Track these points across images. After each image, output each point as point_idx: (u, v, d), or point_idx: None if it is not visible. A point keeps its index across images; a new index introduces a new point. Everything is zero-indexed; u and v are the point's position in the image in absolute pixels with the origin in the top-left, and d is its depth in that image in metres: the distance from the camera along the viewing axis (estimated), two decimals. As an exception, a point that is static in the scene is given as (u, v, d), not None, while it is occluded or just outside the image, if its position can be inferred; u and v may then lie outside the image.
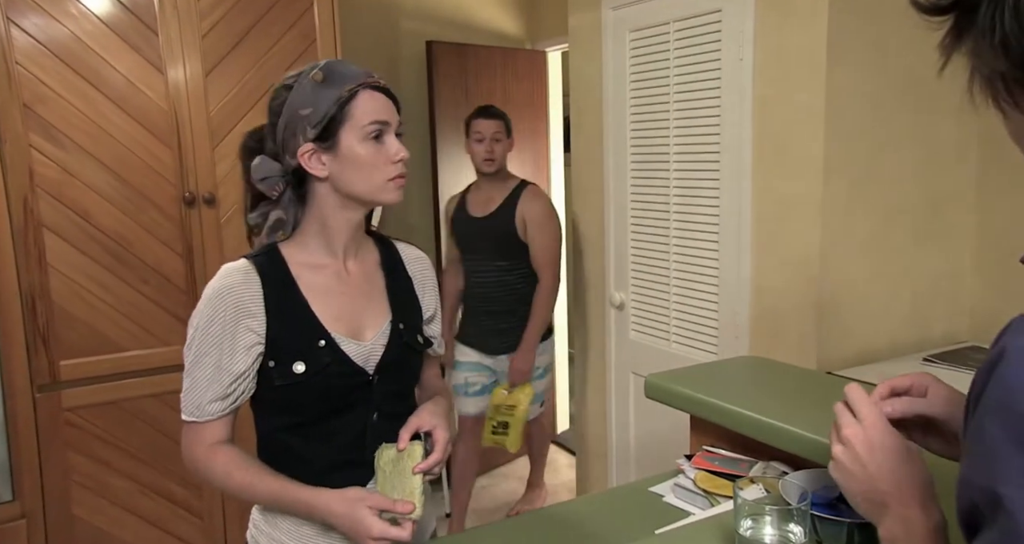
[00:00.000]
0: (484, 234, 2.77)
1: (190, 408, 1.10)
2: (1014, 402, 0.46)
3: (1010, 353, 0.47)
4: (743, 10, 2.06)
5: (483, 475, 3.65)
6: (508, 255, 2.76)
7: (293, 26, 2.42)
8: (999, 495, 0.46)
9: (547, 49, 3.70)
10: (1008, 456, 0.46)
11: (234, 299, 1.08)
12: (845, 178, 1.99)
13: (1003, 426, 0.46)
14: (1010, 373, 0.46)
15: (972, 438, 0.50)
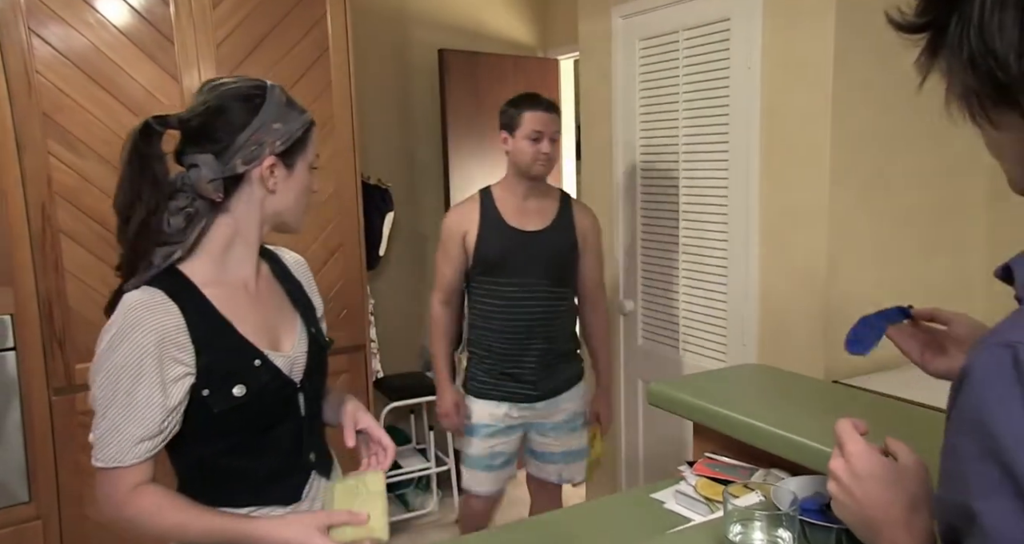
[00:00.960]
0: (538, 252, 2.15)
1: (111, 454, 1.02)
2: (980, 416, 0.47)
3: (974, 370, 0.48)
4: (751, 18, 2.06)
5: (493, 481, 3.65)
6: (563, 278, 2.21)
7: (307, 35, 2.45)
8: (973, 511, 0.47)
9: (559, 57, 3.72)
10: (978, 471, 0.46)
11: (155, 333, 1.01)
12: (853, 186, 1.99)
13: (972, 441, 0.47)
14: (974, 389, 0.48)
15: (944, 456, 0.51)
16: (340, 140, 2.55)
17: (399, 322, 3.50)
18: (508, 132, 2.15)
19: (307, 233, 2.52)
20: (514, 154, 2.14)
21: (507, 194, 2.19)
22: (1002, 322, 0.51)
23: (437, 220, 3.50)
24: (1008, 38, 0.47)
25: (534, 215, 2.19)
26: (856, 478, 0.68)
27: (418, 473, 3.28)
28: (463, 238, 2.18)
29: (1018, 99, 0.49)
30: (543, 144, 2.10)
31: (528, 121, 2.10)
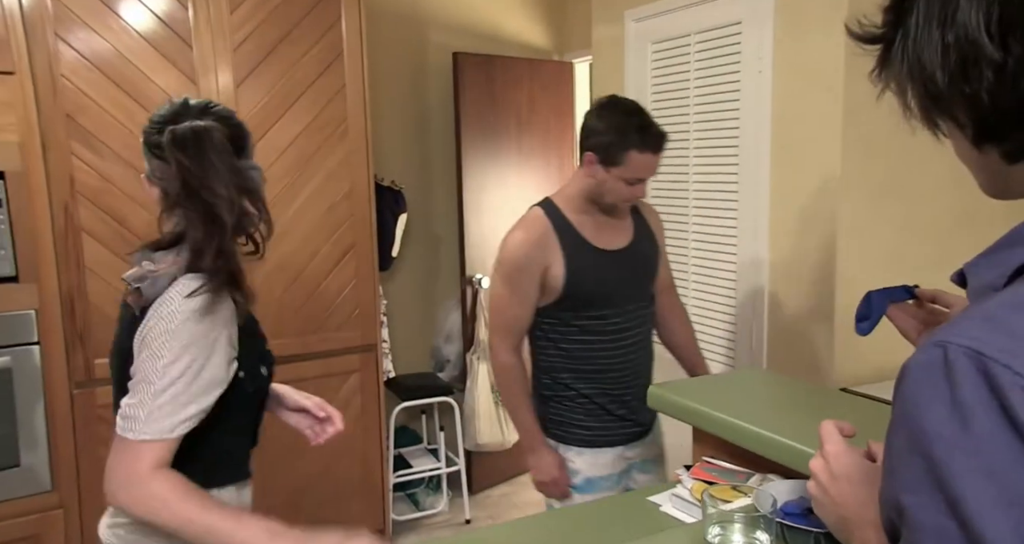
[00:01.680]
0: (633, 271, 1.82)
1: (161, 427, 1.02)
2: (909, 413, 0.48)
3: (909, 368, 0.50)
4: (763, 23, 2.06)
5: (505, 482, 3.67)
6: (652, 293, 1.90)
7: (322, 38, 2.49)
8: (902, 504, 0.48)
9: (574, 60, 3.73)
10: (906, 465, 0.48)
11: (229, 312, 1.10)
12: (864, 193, 1.98)
13: (902, 437, 0.49)
14: (907, 387, 0.49)
15: (884, 453, 0.53)
16: (354, 142, 2.59)
17: (411, 323, 3.53)
18: (602, 163, 1.70)
19: (320, 233, 2.56)
20: (600, 185, 1.73)
21: (578, 212, 1.79)
22: (945, 324, 0.52)
23: (450, 221, 3.54)
24: (933, 53, 0.51)
25: (614, 230, 1.83)
26: (833, 478, 0.70)
27: (428, 473, 3.31)
28: (544, 273, 1.75)
29: (952, 110, 0.53)
30: (639, 188, 1.73)
31: (634, 164, 1.67)
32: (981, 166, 0.57)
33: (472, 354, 3.39)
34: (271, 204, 2.39)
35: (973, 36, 0.49)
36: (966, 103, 0.51)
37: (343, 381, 2.68)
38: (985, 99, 0.50)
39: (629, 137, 1.66)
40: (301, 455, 2.61)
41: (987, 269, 0.54)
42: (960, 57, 0.50)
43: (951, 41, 0.50)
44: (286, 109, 2.46)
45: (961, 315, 0.51)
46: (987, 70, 0.49)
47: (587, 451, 1.82)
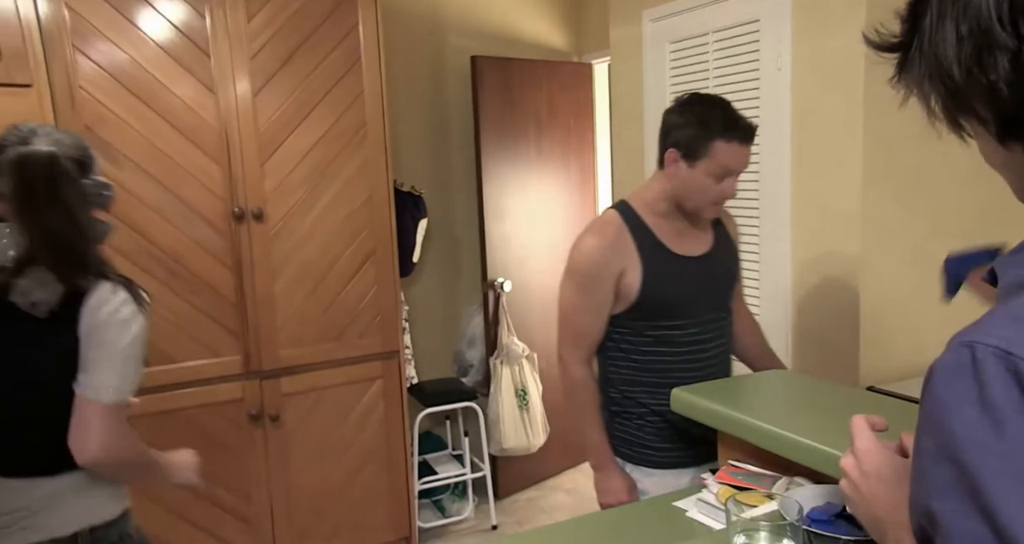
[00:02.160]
0: (712, 280, 1.71)
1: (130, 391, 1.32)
2: (938, 416, 0.47)
3: (936, 369, 0.49)
4: (781, 20, 2.03)
5: (531, 487, 3.64)
6: (729, 305, 1.78)
7: (339, 45, 2.50)
8: (933, 511, 0.47)
9: (593, 61, 3.70)
10: (936, 470, 0.47)
11: None
12: (887, 188, 1.93)
13: (931, 440, 0.48)
14: (935, 389, 0.48)
15: (913, 458, 0.51)
16: (372, 147, 2.59)
17: (433, 328, 3.52)
18: (685, 158, 1.58)
19: (340, 240, 2.56)
20: (684, 184, 1.60)
21: (653, 215, 1.68)
22: (972, 323, 0.51)
23: (471, 224, 3.53)
24: (949, 48, 0.51)
25: (694, 236, 1.71)
26: (864, 476, 0.68)
27: (454, 479, 3.29)
28: (619, 279, 1.64)
29: (971, 105, 0.52)
30: (727, 184, 1.58)
31: (720, 154, 1.55)
32: (1010, 166, 0.55)
33: (495, 358, 3.37)
34: (291, 212, 2.43)
35: (986, 25, 0.48)
36: (985, 95, 0.50)
37: (366, 388, 2.68)
38: (1004, 90, 0.49)
39: (713, 127, 1.54)
40: (326, 462, 2.61)
41: (1015, 267, 0.52)
42: (975, 48, 0.49)
43: (965, 33, 0.50)
44: (304, 116, 2.47)
45: (988, 314, 0.49)
46: (1002, 58, 0.48)
47: (657, 472, 1.69)
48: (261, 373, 2.46)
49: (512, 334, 3.38)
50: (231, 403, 2.42)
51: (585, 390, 1.72)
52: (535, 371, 3.46)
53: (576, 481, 3.70)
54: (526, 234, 3.50)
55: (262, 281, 2.42)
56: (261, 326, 2.43)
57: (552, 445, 3.56)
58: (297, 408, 2.55)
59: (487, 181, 3.34)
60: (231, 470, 2.42)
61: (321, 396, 2.60)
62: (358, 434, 2.68)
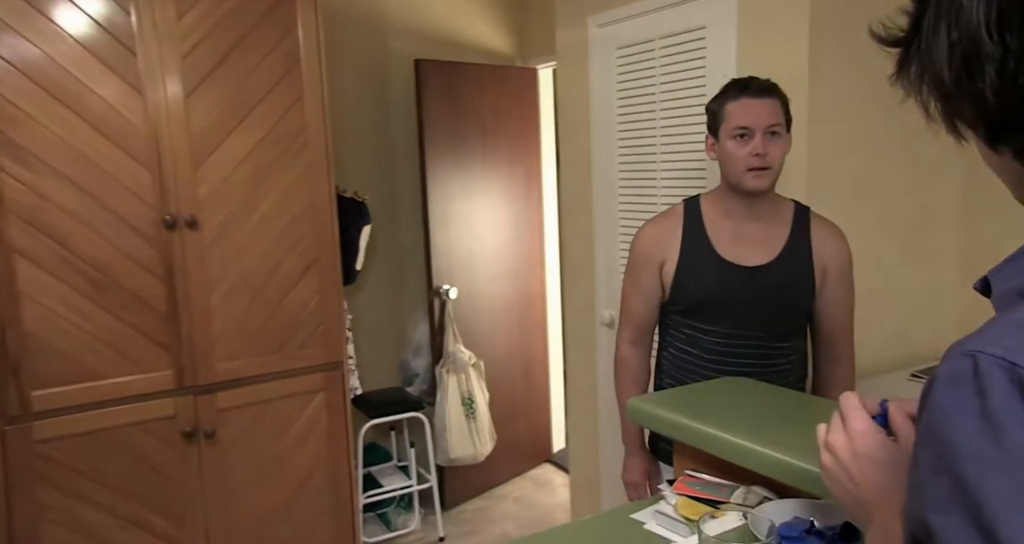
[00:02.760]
0: (757, 296, 1.62)
1: None
2: (937, 427, 0.46)
3: (938, 379, 0.47)
4: (727, 27, 2.04)
5: (478, 496, 3.59)
6: (787, 331, 1.67)
7: (277, 46, 2.41)
8: (930, 524, 0.46)
9: (537, 66, 3.69)
10: (934, 482, 0.46)
11: None
12: (830, 195, 1.96)
13: (930, 451, 0.46)
14: (933, 399, 0.47)
15: (910, 468, 0.50)
16: (314, 152, 2.50)
17: (378, 338, 3.44)
18: (713, 135, 1.62)
19: (281, 248, 2.47)
20: (722, 164, 1.62)
21: (719, 214, 1.65)
22: (973, 332, 0.49)
23: (415, 232, 3.47)
24: (941, 52, 0.51)
25: (756, 243, 1.63)
26: (855, 457, 0.66)
27: (400, 491, 3.21)
28: (660, 267, 1.68)
29: (962, 110, 0.52)
30: (754, 143, 1.53)
31: (733, 115, 1.55)
32: (1002, 169, 0.55)
33: (441, 367, 3.31)
34: (228, 219, 2.32)
35: (974, 33, 0.48)
36: (973, 102, 0.50)
37: (308, 400, 2.59)
38: (990, 98, 0.49)
39: (726, 94, 1.59)
40: (266, 478, 2.50)
41: (1012, 275, 0.52)
42: (964, 55, 0.49)
43: (955, 39, 0.50)
44: (241, 120, 2.37)
45: (990, 323, 0.48)
46: (989, 67, 0.48)
47: (669, 468, 1.64)
48: (196, 388, 2.34)
49: (458, 342, 3.33)
50: (162, 420, 2.29)
51: (624, 369, 1.77)
52: (482, 379, 3.41)
53: (524, 489, 3.67)
54: (472, 240, 3.46)
55: (197, 291, 2.30)
56: (196, 339, 2.32)
57: (499, 453, 3.53)
58: (235, 424, 2.44)
59: (432, 187, 3.28)
60: (163, 492, 2.30)
61: (261, 410, 2.49)
62: (300, 448, 2.58)
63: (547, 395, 3.90)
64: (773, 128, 1.55)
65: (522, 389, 3.75)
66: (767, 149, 1.54)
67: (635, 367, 1.77)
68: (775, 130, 1.55)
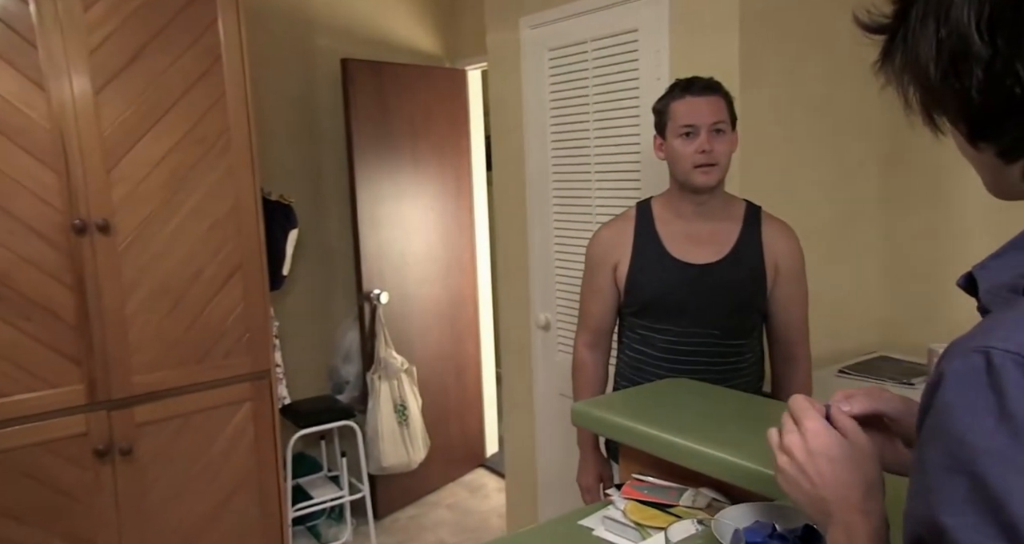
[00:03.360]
0: (709, 293, 1.63)
1: None
2: (948, 425, 0.45)
3: (947, 377, 0.46)
4: (658, 30, 2.06)
5: (411, 504, 3.53)
6: (741, 327, 1.67)
7: (196, 42, 2.29)
8: (941, 526, 0.45)
9: (467, 67, 3.66)
10: (945, 483, 0.45)
11: None
12: (761, 197, 2.00)
13: (940, 451, 0.45)
14: (946, 397, 0.46)
15: (914, 469, 0.49)
16: (237, 154, 2.39)
17: (306, 344, 3.33)
18: (660, 134, 1.64)
19: (203, 253, 2.35)
20: (670, 162, 1.63)
21: (670, 214, 1.68)
22: (976, 327, 0.49)
23: (344, 234, 3.38)
24: (928, 47, 0.51)
25: (707, 242, 1.65)
26: (811, 455, 0.66)
27: (331, 503, 3.12)
28: (613, 269, 1.70)
29: (945, 106, 0.53)
30: (700, 140, 1.55)
31: (677, 112, 1.58)
32: (981, 164, 0.56)
33: (373, 373, 3.23)
34: (145, 223, 2.19)
35: (964, 32, 0.48)
36: (957, 100, 0.50)
37: (234, 412, 2.47)
38: (975, 97, 0.49)
39: (670, 93, 1.61)
40: (189, 496, 2.38)
41: (1000, 271, 0.52)
42: (951, 53, 0.49)
43: (944, 36, 0.50)
44: (157, 119, 2.24)
45: (994, 320, 0.47)
46: (976, 67, 0.48)
47: None
48: (110, 403, 2.19)
49: (390, 347, 3.26)
50: (72, 438, 2.14)
51: (581, 372, 1.78)
52: (414, 384, 3.35)
53: (458, 495, 3.63)
54: (403, 243, 3.40)
55: (111, 300, 2.16)
56: (110, 350, 2.17)
57: (432, 459, 3.47)
58: (154, 439, 2.30)
59: (361, 189, 3.20)
60: (73, 515, 2.14)
61: (183, 423, 2.36)
62: (225, 462, 2.46)
63: (480, 399, 3.87)
64: (718, 125, 1.58)
65: (455, 393, 3.71)
66: (712, 146, 1.56)
67: (592, 370, 1.77)
68: (720, 127, 1.58)
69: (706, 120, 1.56)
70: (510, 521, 3.09)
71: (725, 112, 1.60)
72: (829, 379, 1.99)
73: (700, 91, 1.58)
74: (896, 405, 0.74)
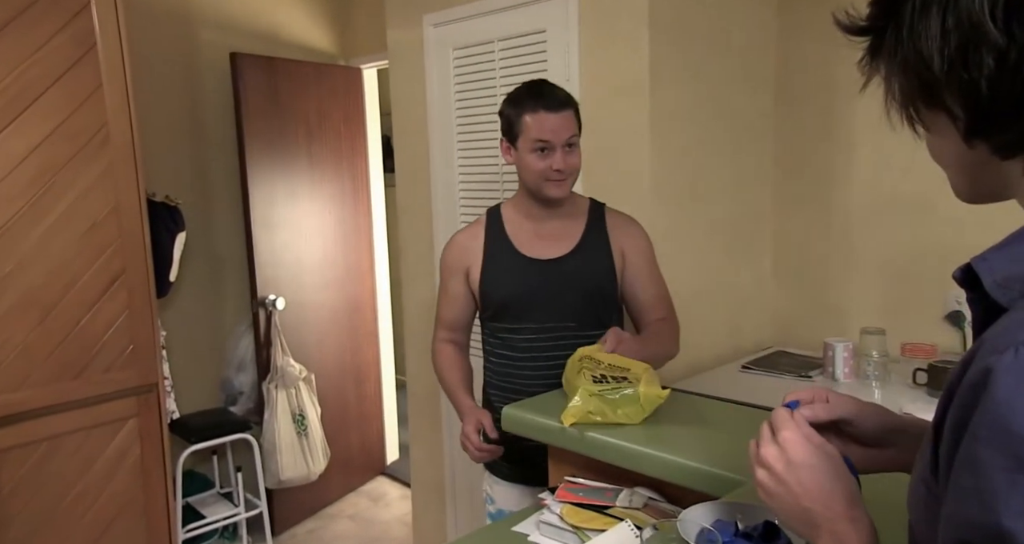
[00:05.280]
0: (561, 286, 1.66)
1: None
2: (1007, 423, 0.43)
3: (998, 373, 0.44)
4: (567, 31, 2.08)
5: (310, 518, 3.39)
6: (598, 318, 1.68)
7: (66, 26, 2.09)
8: (1005, 530, 0.43)
9: (362, 66, 3.56)
10: (1007, 484, 0.43)
11: None
12: (671, 199, 2.07)
13: (999, 451, 0.43)
14: (996, 393, 0.44)
15: (960, 470, 0.47)
16: (117, 151, 2.20)
17: (196, 355, 3.12)
18: (508, 140, 1.63)
19: (79, 259, 2.14)
20: (520, 170, 1.64)
21: (520, 216, 1.70)
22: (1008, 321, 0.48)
23: (235, 241, 3.19)
24: (931, 38, 0.50)
25: (555, 238, 1.68)
26: (792, 466, 0.65)
27: (224, 521, 2.94)
28: (466, 275, 1.71)
29: (944, 99, 0.51)
30: (555, 158, 1.56)
31: (531, 127, 1.57)
32: (964, 164, 0.55)
33: (269, 383, 3.08)
34: (8, 227, 1.98)
35: (977, 19, 0.47)
36: (963, 92, 0.50)
37: (116, 430, 2.28)
38: (984, 87, 0.48)
39: (520, 102, 1.59)
40: (61, 526, 2.16)
41: (1009, 263, 0.50)
42: (961, 42, 0.48)
43: (952, 25, 0.48)
44: (21, 110, 2.03)
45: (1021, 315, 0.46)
46: (988, 56, 0.47)
47: (503, 483, 1.71)
48: (-33, 428, 1.96)
49: (287, 355, 3.11)
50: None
51: (440, 356, 1.77)
52: (313, 393, 3.22)
53: (359, 505, 3.52)
54: (299, 247, 3.25)
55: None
56: (-32, 369, 1.94)
57: (331, 470, 3.35)
58: (18, 465, 2.08)
59: (254, 190, 3.04)
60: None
61: (55, 446, 2.15)
62: (106, 485, 2.26)
63: (380, 406, 3.77)
64: (571, 140, 1.59)
65: (354, 401, 3.60)
66: (566, 163, 1.59)
67: (451, 353, 1.76)
68: (572, 142, 1.60)
69: (561, 137, 1.57)
70: (416, 529, 3.03)
71: (575, 125, 1.61)
72: (733, 374, 2.07)
73: (555, 106, 1.57)
74: (850, 407, 0.75)
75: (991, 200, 0.56)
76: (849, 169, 2.24)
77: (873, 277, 2.22)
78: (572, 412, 1.29)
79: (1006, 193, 0.54)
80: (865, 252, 2.23)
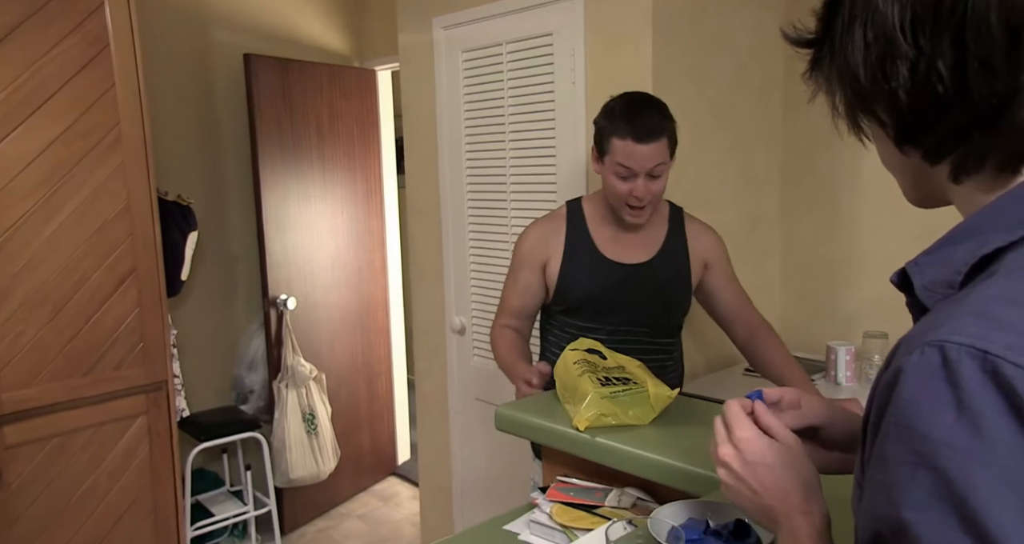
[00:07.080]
0: (639, 292, 1.65)
1: None
2: (909, 421, 0.45)
3: (905, 373, 0.46)
4: (574, 35, 2.08)
5: (320, 517, 3.40)
6: (668, 325, 1.71)
7: (79, 26, 2.13)
8: (904, 521, 0.44)
9: (376, 67, 3.58)
10: (907, 478, 0.44)
11: None
12: (678, 202, 2.05)
13: (902, 447, 0.45)
14: (905, 393, 0.46)
15: (872, 466, 0.49)
16: (130, 150, 2.23)
17: (207, 353, 3.16)
18: (598, 152, 1.59)
19: (90, 257, 2.18)
20: (603, 183, 1.61)
21: (601, 217, 1.67)
22: (924, 322, 0.49)
23: (248, 240, 3.22)
24: (857, 51, 0.53)
25: (636, 244, 1.66)
26: (748, 465, 0.66)
27: (234, 519, 2.96)
28: (543, 267, 1.69)
29: (875, 108, 0.54)
30: (636, 185, 1.53)
31: (616, 150, 1.52)
32: (904, 170, 0.57)
33: (279, 382, 3.10)
34: (19, 224, 2.01)
35: (890, 34, 0.50)
36: (886, 101, 0.52)
37: (126, 427, 2.30)
38: (903, 97, 0.51)
39: (612, 122, 1.53)
40: (70, 522, 2.19)
41: (936, 267, 0.52)
42: (879, 54, 0.51)
43: (871, 39, 0.51)
44: (34, 109, 2.06)
45: (942, 314, 0.47)
46: (903, 67, 0.50)
47: None
48: (-24, 423, 2.00)
49: (298, 354, 3.14)
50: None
51: (500, 338, 1.73)
52: (323, 392, 3.24)
53: (369, 505, 3.53)
54: (311, 247, 3.28)
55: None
56: (-24, 365, 1.98)
57: (342, 469, 3.37)
58: (28, 461, 2.11)
59: (266, 190, 3.07)
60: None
61: (65, 442, 2.18)
62: (115, 482, 2.29)
63: (391, 406, 3.78)
64: (656, 170, 1.54)
65: (365, 400, 3.61)
66: (648, 190, 1.55)
67: (513, 336, 1.73)
68: (659, 172, 1.55)
69: (645, 167, 1.53)
70: (424, 529, 3.03)
71: (666, 153, 1.55)
72: (736, 378, 2.05)
73: (645, 138, 1.51)
74: (821, 412, 0.75)
75: (937, 204, 0.58)
76: (856, 174, 2.21)
77: (878, 282, 2.18)
78: (586, 416, 1.25)
79: (945, 197, 0.56)
80: (871, 257, 2.19)
